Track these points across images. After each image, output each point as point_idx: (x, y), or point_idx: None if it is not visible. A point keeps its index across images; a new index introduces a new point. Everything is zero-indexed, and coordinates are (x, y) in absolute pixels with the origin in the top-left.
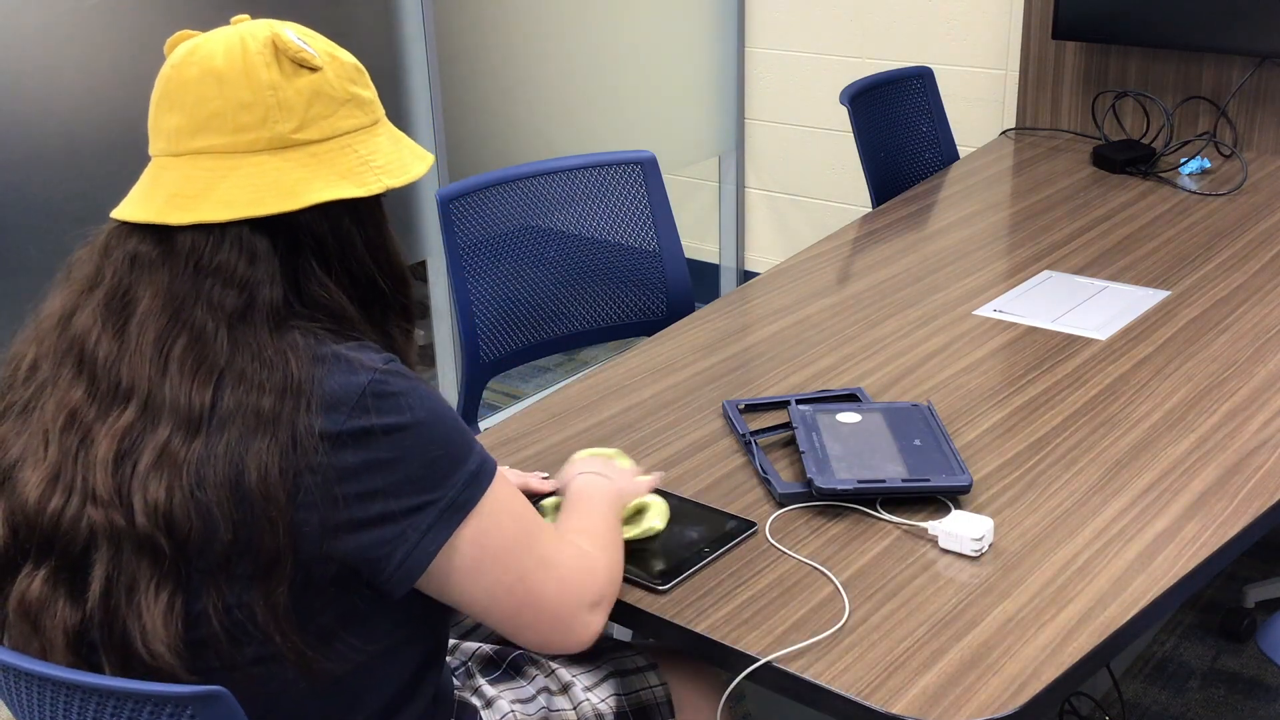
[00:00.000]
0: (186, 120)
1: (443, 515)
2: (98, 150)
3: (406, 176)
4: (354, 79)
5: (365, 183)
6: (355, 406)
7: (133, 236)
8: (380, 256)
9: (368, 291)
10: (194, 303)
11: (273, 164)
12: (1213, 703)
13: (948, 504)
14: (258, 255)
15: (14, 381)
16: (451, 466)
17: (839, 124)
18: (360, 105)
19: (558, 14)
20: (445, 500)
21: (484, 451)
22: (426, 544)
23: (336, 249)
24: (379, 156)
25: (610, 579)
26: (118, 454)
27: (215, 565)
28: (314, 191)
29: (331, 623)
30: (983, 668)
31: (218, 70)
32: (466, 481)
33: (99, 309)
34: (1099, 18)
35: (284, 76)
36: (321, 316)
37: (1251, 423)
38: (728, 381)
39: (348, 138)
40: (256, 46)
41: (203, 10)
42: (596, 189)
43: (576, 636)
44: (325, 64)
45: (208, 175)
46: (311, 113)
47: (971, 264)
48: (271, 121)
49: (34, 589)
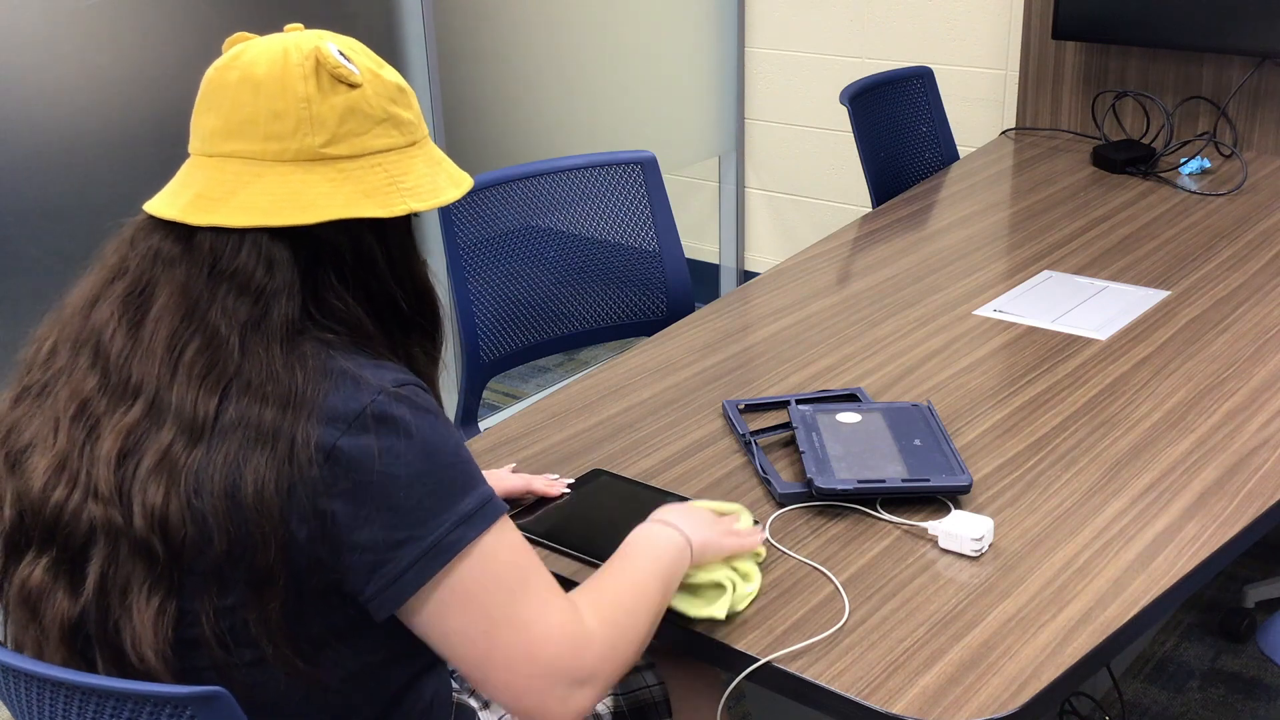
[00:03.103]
0: (221, 123)
1: (426, 554)
2: (98, 151)
3: (435, 200)
4: (394, 98)
5: (389, 203)
6: (353, 424)
7: (157, 232)
8: (403, 277)
9: (387, 310)
10: (209, 305)
11: (297, 176)
12: (1213, 703)
13: (948, 504)
14: (275, 263)
15: (34, 363)
16: (443, 504)
17: (839, 124)
18: (397, 125)
19: (558, 14)
20: (430, 540)
21: (488, 494)
22: (405, 581)
23: (355, 265)
24: (410, 178)
25: (603, 657)
26: (121, 452)
27: (209, 572)
28: (333, 208)
29: (323, 633)
30: (983, 668)
31: (257, 77)
32: (457, 523)
33: (118, 301)
34: (1099, 18)
35: (320, 90)
36: (338, 329)
37: (1251, 423)
38: (728, 381)
39: (379, 156)
40: (298, 58)
41: (202, 10)
42: (596, 189)
43: (548, 711)
44: (366, 81)
45: (233, 180)
46: (344, 129)
47: (971, 264)
48: (301, 134)
49: (35, 577)
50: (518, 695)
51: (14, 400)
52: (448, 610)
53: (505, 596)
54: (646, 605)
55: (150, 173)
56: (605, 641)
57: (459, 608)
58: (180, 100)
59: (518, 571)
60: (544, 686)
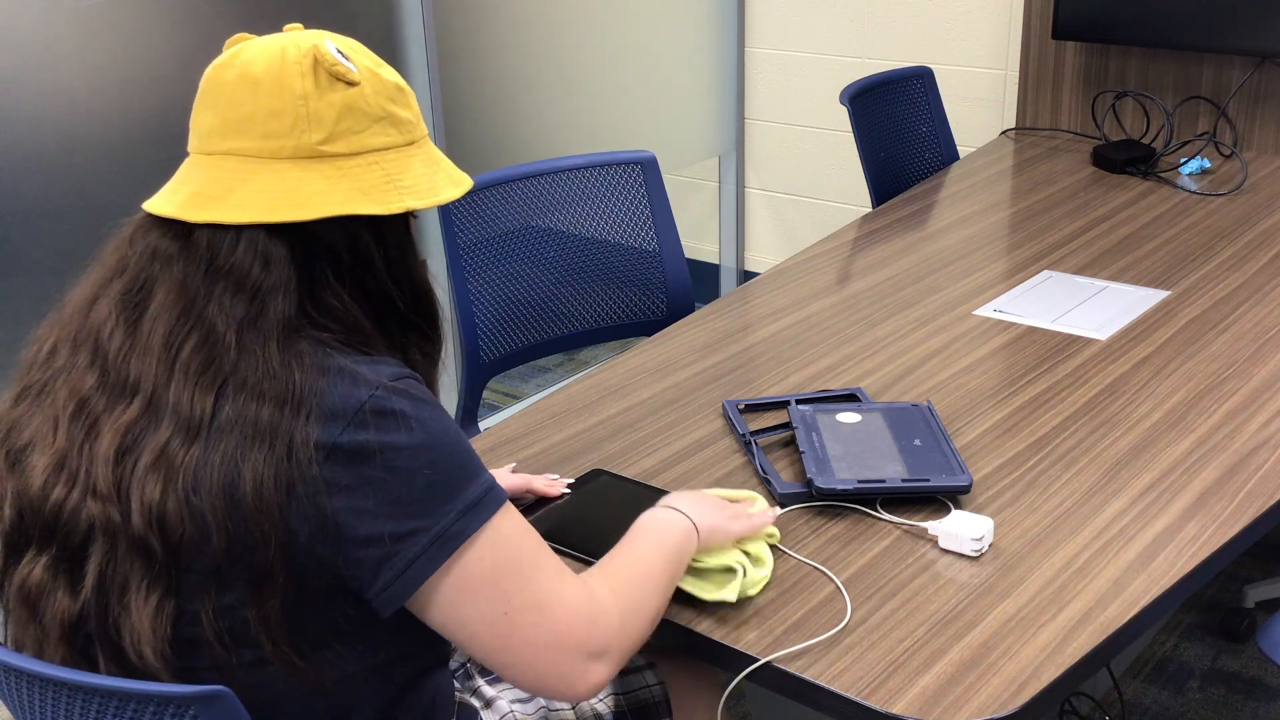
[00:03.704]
0: (219, 121)
1: (432, 544)
2: (98, 151)
3: (433, 199)
4: (393, 97)
5: (386, 201)
6: (352, 420)
7: (155, 230)
8: (400, 277)
9: (385, 310)
10: (205, 302)
11: (294, 173)
12: (1213, 703)
13: (948, 504)
14: (272, 260)
15: (34, 363)
16: (447, 494)
17: (839, 124)
18: (396, 124)
19: (558, 14)
20: (436, 529)
21: (491, 481)
22: (413, 573)
23: (352, 263)
24: (408, 177)
25: (619, 630)
26: (120, 449)
27: (208, 571)
28: (330, 205)
29: (324, 633)
30: (983, 668)
31: (254, 76)
32: (462, 511)
33: (116, 300)
34: (1099, 18)
35: (318, 88)
36: (335, 327)
37: (1251, 423)
38: (728, 381)
39: (377, 155)
40: (296, 56)
41: (202, 11)
42: (596, 189)
43: (570, 686)
44: (364, 80)
45: (230, 177)
46: (341, 126)
47: (971, 264)
48: (299, 131)
49: (35, 575)
50: (541, 674)
51: (14, 400)
52: (462, 598)
53: (519, 579)
54: (655, 583)
55: (150, 173)
56: (619, 615)
57: (473, 594)
58: (180, 100)
59: (527, 553)
60: (566, 662)
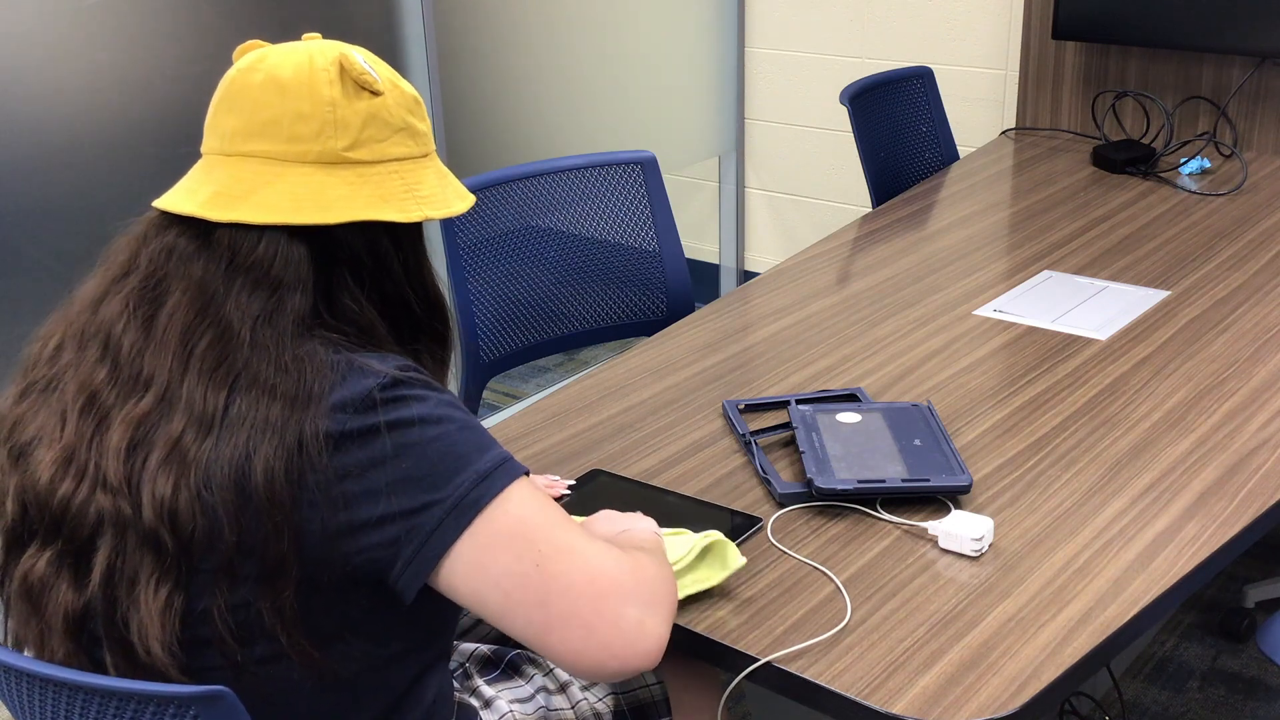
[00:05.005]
0: (244, 123)
1: (450, 515)
2: (98, 151)
3: (447, 210)
4: (411, 109)
5: (405, 209)
6: (361, 406)
7: (172, 229)
8: (415, 282)
9: (399, 312)
10: (224, 299)
11: (318, 177)
12: (1213, 703)
13: (948, 504)
14: (292, 261)
15: (38, 359)
16: (458, 466)
17: (839, 124)
18: (413, 135)
19: (558, 14)
20: (451, 500)
21: (505, 454)
22: (433, 544)
23: (371, 266)
24: (424, 187)
25: (665, 580)
26: (131, 443)
27: (220, 566)
28: (353, 209)
29: (337, 626)
30: (983, 668)
31: (282, 80)
32: (476, 480)
33: (130, 297)
34: (1099, 18)
35: (345, 96)
36: (348, 329)
37: (1251, 423)
38: (728, 381)
39: (396, 164)
40: (323, 63)
41: (202, 11)
42: (596, 189)
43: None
44: (387, 90)
45: (254, 178)
46: (365, 134)
47: (971, 264)
48: (325, 136)
49: (38, 569)
50: (591, 628)
51: (18, 396)
52: (489, 557)
53: (546, 531)
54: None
55: (150, 173)
56: (656, 567)
57: (500, 551)
58: (180, 100)
59: (552, 514)
60: (615, 609)
